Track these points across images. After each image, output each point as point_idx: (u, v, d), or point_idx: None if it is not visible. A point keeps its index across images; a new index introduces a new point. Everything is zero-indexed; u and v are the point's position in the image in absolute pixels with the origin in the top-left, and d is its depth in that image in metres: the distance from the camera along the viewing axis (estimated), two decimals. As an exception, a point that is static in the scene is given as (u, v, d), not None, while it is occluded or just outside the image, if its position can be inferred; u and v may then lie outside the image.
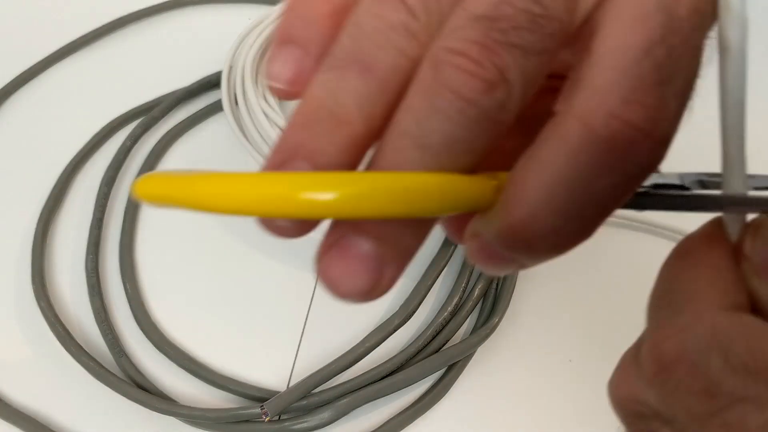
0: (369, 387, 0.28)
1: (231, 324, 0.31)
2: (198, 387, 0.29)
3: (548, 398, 0.29)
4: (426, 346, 0.29)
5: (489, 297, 0.31)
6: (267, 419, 0.26)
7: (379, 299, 0.30)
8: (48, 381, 0.29)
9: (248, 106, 0.35)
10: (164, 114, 0.38)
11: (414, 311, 0.30)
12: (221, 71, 0.38)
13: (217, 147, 0.37)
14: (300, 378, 0.28)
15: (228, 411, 0.27)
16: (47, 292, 0.31)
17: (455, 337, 0.31)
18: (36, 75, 0.40)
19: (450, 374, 0.29)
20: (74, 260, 0.32)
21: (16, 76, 0.39)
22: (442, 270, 0.32)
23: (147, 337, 0.30)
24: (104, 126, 0.37)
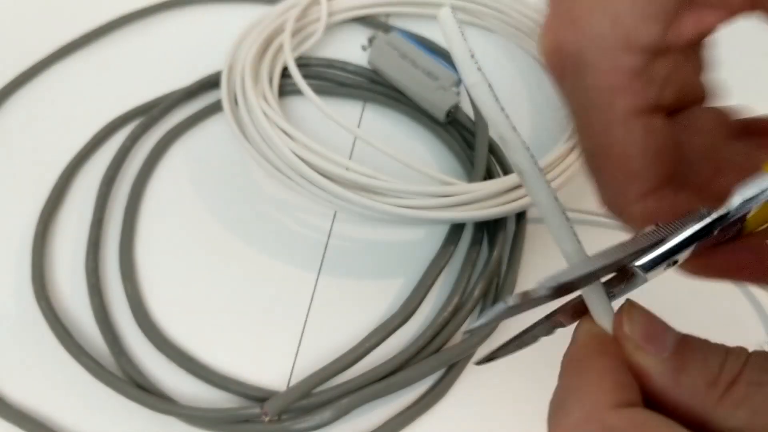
0: (369, 387, 0.28)
1: (231, 324, 0.31)
2: (198, 387, 0.29)
3: (548, 398, 0.29)
4: (426, 346, 0.29)
5: (489, 297, 0.31)
6: (267, 419, 0.26)
7: (379, 299, 0.30)
8: (48, 381, 0.29)
9: (248, 106, 0.35)
10: (164, 114, 0.38)
11: (414, 311, 0.30)
12: (221, 71, 0.38)
13: (217, 147, 0.37)
14: (300, 378, 0.28)
15: (228, 411, 0.27)
16: (47, 292, 0.31)
17: (455, 337, 0.31)
18: (36, 75, 0.40)
19: (450, 374, 0.29)
20: (74, 260, 0.32)
21: (16, 76, 0.39)
22: (442, 270, 0.32)
23: (147, 337, 0.30)
24: (104, 126, 0.37)
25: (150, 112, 0.38)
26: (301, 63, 0.41)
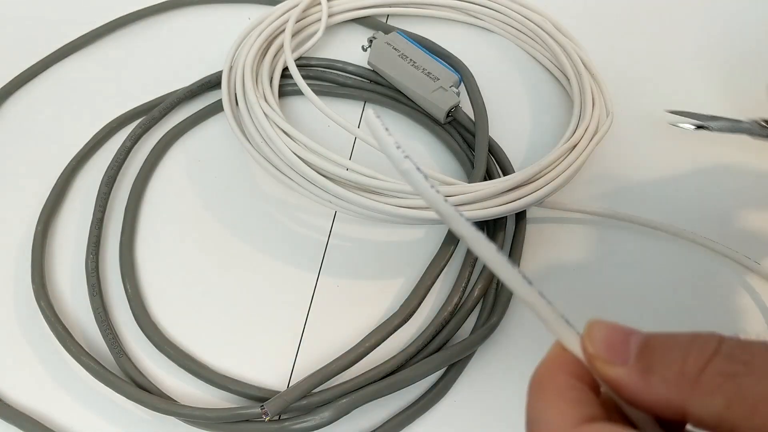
0: (369, 387, 0.28)
1: (231, 324, 0.31)
2: (198, 387, 0.29)
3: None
4: (426, 346, 0.29)
5: (489, 297, 0.31)
6: (267, 419, 0.26)
7: (379, 299, 0.31)
8: (48, 381, 0.29)
9: (248, 106, 0.35)
10: (164, 114, 0.38)
11: (414, 311, 0.30)
12: (221, 71, 0.38)
13: (217, 147, 0.37)
14: (300, 378, 0.28)
15: (228, 411, 0.27)
16: (47, 292, 0.31)
17: (455, 337, 0.31)
18: (36, 75, 0.40)
19: (450, 374, 0.29)
20: (74, 260, 0.32)
21: (16, 76, 0.39)
22: (442, 270, 0.32)
23: (147, 337, 0.30)
24: (104, 126, 0.37)
25: (150, 112, 0.38)
26: (302, 63, 0.41)
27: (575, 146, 0.34)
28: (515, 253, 0.33)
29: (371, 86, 0.40)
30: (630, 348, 0.14)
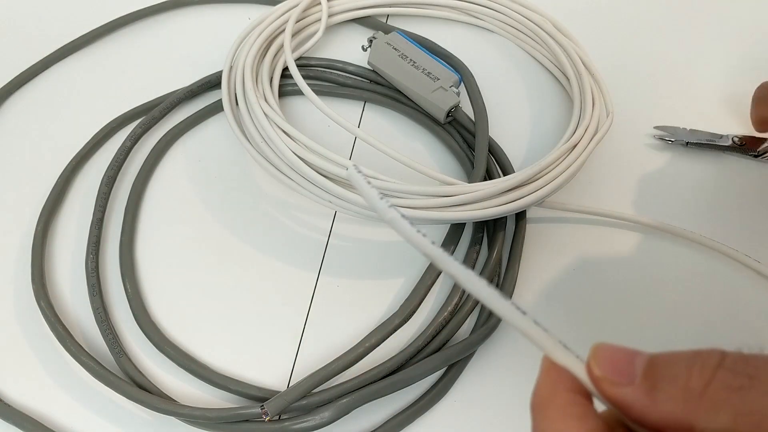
0: (369, 387, 0.28)
1: (231, 324, 0.31)
2: (198, 387, 0.29)
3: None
4: (426, 346, 0.29)
5: (489, 297, 0.31)
6: (267, 419, 0.27)
7: (379, 299, 0.30)
8: (48, 381, 0.29)
9: (248, 106, 0.35)
10: (164, 114, 0.38)
11: (414, 311, 0.30)
12: (221, 71, 0.38)
13: (217, 147, 0.37)
14: (300, 378, 0.28)
15: (228, 411, 0.27)
16: (47, 292, 0.31)
17: (455, 337, 0.31)
18: (36, 75, 0.40)
19: (450, 374, 0.29)
20: (74, 260, 0.32)
21: (16, 76, 0.39)
22: (442, 270, 0.32)
23: (147, 337, 0.30)
24: (104, 126, 0.37)
25: (150, 112, 0.38)
26: (302, 63, 0.41)
27: (575, 146, 0.34)
28: (515, 253, 0.33)
29: (371, 86, 0.40)
30: (635, 368, 0.14)
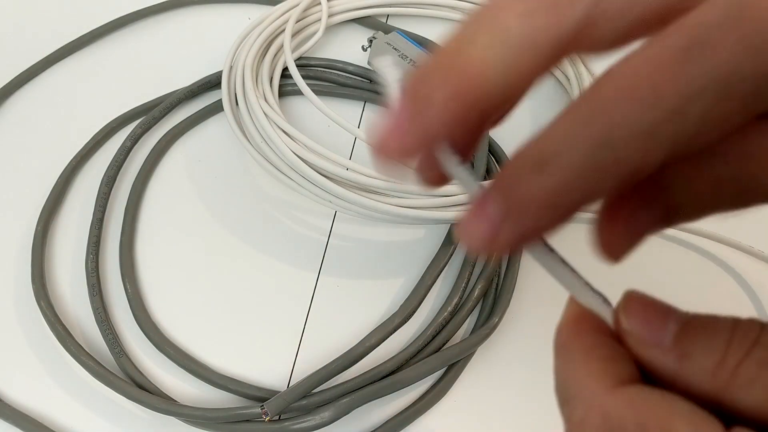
0: (369, 387, 0.28)
1: (231, 324, 0.31)
2: (198, 387, 0.29)
3: (548, 398, 0.29)
4: (426, 346, 0.29)
5: (489, 297, 0.31)
6: (267, 419, 0.27)
7: (379, 299, 0.30)
8: (48, 381, 0.29)
9: (248, 106, 0.35)
10: (164, 114, 0.38)
11: (414, 311, 0.30)
12: (221, 71, 0.38)
13: (217, 147, 0.37)
14: (300, 378, 0.28)
15: (228, 411, 0.27)
16: (47, 292, 0.31)
17: (455, 337, 0.31)
18: (36, 75, 0.40)
19: (450, 374, 0.29)
20: (74, 260, 0.32)
21: (16, 76, 0.39)
22: (442, 270, 0.32)
23: (147, 337, 0.30)
24: (104, 126, 0.37)
25: (150, 112, 0.38)
26: (302, 63, 0.41)
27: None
28: (515, 253, 0.33)
29: (371, 86, 0.40)
30: (667, 328, 0.13)
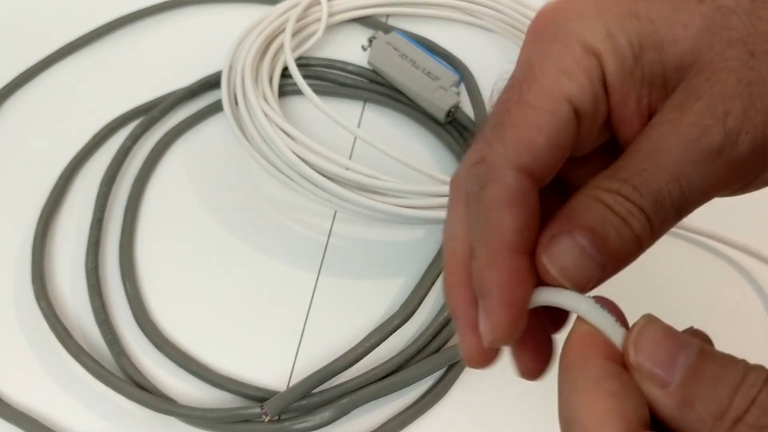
0: (369, 387, 0.28)
1: (231, 324, 0.31)
2: (198, 387, 0.29)
3: (548, 398, 0.29)
4: (426, 346, 0.29)
5: (489, 297, 0.31)
6: (267, 419, 0.27)
7: (379, 299, 0.30)
8: (48, 381, 0.29)
9: (248, 106, 0.35)
10: (164, 114, 0.38)
11: (414, 311, 0.30)
12: (221, 71, 0.38)
13: (217, 147, 0.37)
14: (300, 378, 0.28)
15: (228, 411, 0.27)
16: (47, 292, 0.31)
17: (455, 337, 0.31)
18: (36, 75, 0.40)
19: (450, 374, 0.29)
20: (74, 260, 0.32)
21: (16, 76, 0.39)
22: (442, 270, 0.32)
23: (147, 337, 0.30)
24: (104, 126, 0.37)
25: (150, 112, 0.38)
26: (302, 63, 0.41)
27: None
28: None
29: (371, 86, 0.40)
30: (676, 369, 0.13)
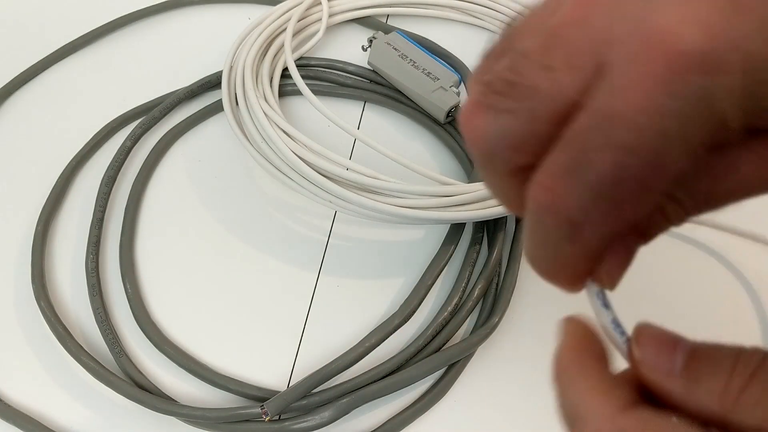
0: (369, 387, 0.28)
1: (231, 324, 0.31)
2: (198, 387, 0.29)
3: (548, 398, 0.29)
4: (426, 346, 0.29)
5: (489, 297, 0.31)
6: (267, 419, 0.27)
7: (379, 299, 0.30)
8: (48, 381, 0.29)
9: (248, 106, 0.35)
10: (164, 114, 0.38)
11: (414, 311, 0.30)
12: (221, 71, 0.38)
13: (218, 147, 0.37)
14: (300, 378, 0.28)
15: (228, 411, 0.27)
16: (47, 292, 0.31)
17: (455, 337, 0.31)
18: (36, 75, 0.40)
19: (450, 374, 0.29)
20: (74, 260, 0.32)
21: (16, 76, 0.39)
22: (442, 270, 0.32)
23: (147, 337, 0.30)
24: (104, 126, 0.37)
25: (151, 112, 0.38)
26: (302, 63, 0.41)
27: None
28: (515, 253, 0.33)
29: (371, 86, 0.40)
30: (677, 357, 0.14)
